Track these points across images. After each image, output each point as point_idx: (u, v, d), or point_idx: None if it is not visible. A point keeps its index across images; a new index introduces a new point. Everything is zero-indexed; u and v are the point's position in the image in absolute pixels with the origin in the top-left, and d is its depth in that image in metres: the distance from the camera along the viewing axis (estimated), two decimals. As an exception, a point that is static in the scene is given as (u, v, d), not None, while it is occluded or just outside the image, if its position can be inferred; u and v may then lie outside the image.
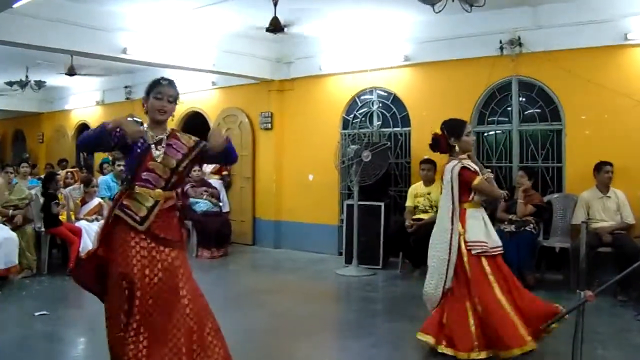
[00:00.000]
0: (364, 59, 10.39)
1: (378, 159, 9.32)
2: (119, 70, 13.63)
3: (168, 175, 4.02)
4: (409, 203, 9.23)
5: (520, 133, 9.03)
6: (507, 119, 9.20)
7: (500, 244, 5.35)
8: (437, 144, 5.55)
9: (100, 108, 16.39)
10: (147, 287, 3.83)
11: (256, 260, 10.95)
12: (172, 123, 4.25)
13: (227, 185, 12.17)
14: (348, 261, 9.67)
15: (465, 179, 5.34)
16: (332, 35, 10.49)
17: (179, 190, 4.32)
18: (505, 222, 8.15)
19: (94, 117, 16.65)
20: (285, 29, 8.69)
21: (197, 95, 12.92)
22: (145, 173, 3.99)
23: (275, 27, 8.30)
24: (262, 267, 10.34)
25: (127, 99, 14.62)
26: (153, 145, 4.03)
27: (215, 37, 10.36)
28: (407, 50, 9.88)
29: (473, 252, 5.19)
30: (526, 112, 9.06)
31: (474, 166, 5.43)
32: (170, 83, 4.12)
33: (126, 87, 14.60)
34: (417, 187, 9.28)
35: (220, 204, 11.41)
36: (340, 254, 10.37)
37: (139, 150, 4.01)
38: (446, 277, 5.27)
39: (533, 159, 8.92)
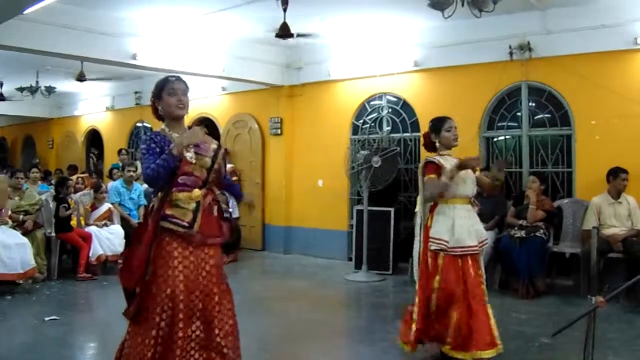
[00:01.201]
0: (373, 65, 10.42)
1: (388, 165, 9.33)
2: (129, 76, 13.69)
3: (205, 175, 4.03)
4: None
5: (530, 138, 9.02)
6: (516, 124, 9.19)
7: (469, 244, 5.12)
8: (425, 141, 5.56)
9: (109, 114, 16.47)
10: (192, 305, 3.85)
11: (266, 265, 10.97)
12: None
13: (237, 191, 12.17)
14: (358, 267, 9.68)
15: (425, 173, 5.31)
16: (341, 40, 10.52)
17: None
18: (515, 228, 8.12)
19: (104, 122, 16.75)
20: (295, 35, 8.71)
21: (207, 100, 12.98)
22: (182, 177, 3.96)
23: (285, 32, 8.32)
24: (272, 272, 10.36)
25: (137, 104, 14.68)
26: (184, 150, 3.98)
27: (225, 43, 10.40)
28: (417, 55, 9.89)
29: (431, 247, 5.15)
30: (536, 117, 9.05)
31: (439, 159, 5.25)
32: (179, 78, 4.12)
33: (136, 92, 14.65)
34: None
35: (230, 209, 11.39)
36: (350, 259, 10.38)
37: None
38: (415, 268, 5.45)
39: (543, 164, 8.91)
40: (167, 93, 4.02)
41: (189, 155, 3.97)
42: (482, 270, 5.23)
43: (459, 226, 5.13)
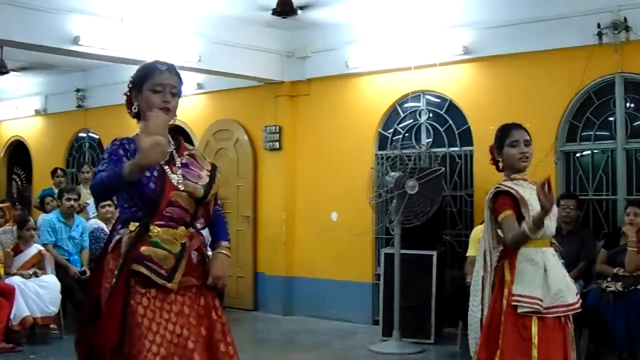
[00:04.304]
0: (407, 53, 10.45)
1: (428, 191, 9.33)
2: (68, 68, 13.75)
3: (194, 208, 3.99)
4: (471, 252, 9.15)
5: (628, 153, 9.00)
6: (608, 134, 9.19)
7: (569, 301, 5.05)
8: (492, 158, 5.43)
9: (40, 119, 16.55)
10: None
11: (259, 332, 11.01)
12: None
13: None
14: (387, 333, 9.65)
15: (495, 208, 5.16)
16: (363, 19, 10.57)
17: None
18: (608, 279, 8.09)
19: (32, 131, 16.81)
20: (299, 11, 8.76)
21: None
22: (169, 209, 3.89)
23: (286, 8, 8.37)
24: (268, 341, 10.35)
25: (79, 106, 14.67)
26: (167, 167, 3.92)
27: (201, 22, 10.45)
28: (467, 39, 9.94)
29: (518, 310, 4.95)
30: (636, 124, 9.04)
31: (516, 189, 5.06)
32: (171, 69, 4.02)
33: (78, 90, 14.63)
34: (481, 230, 9.24)
35: (208, 251, 11.39)
36: (377, 322, 10.38)
37: (152, 175, 3.84)
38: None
39: (646, 189, 8.90)
40: (150, 88, 3.94)
41: (175, 177, 3.92)
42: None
43: (554, 277, 5.03)
